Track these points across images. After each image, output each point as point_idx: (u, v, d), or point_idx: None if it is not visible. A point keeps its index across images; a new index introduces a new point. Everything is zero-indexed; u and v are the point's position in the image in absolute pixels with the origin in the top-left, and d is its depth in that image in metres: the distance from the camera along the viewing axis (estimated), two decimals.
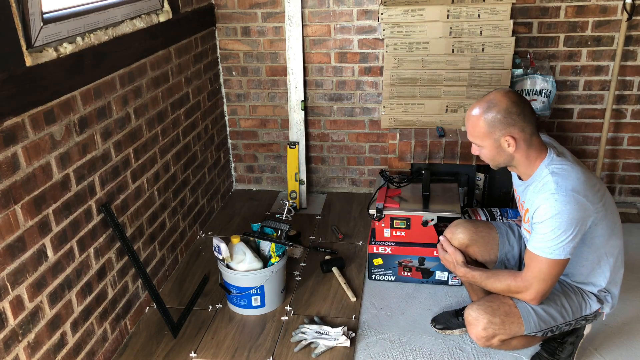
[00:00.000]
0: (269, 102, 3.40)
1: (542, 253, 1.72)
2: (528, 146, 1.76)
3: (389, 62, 2.96)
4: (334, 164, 3.52)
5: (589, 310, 1.92)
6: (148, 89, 2.44)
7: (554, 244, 1.70)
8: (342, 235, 3.06)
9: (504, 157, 1.80)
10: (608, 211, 1.81)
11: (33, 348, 1.77)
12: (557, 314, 1.86)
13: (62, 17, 1.85)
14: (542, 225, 1.71)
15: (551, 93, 3.02)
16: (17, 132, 1.65)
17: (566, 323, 1.90)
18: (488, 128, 1.74)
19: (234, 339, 2.30)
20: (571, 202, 1.68)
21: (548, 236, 1.70)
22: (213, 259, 2.79)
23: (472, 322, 1.85)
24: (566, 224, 1.68)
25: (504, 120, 1.72)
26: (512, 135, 1.73)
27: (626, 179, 3.29)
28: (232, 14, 3.21)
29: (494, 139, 1.75)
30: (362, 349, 2.23)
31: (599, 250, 1.85)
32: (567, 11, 2.95)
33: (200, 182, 3.10)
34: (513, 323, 1.83)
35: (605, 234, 1.81)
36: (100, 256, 2.12)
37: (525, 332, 1.84)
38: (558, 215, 1.68)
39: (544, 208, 1.70)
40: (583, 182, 1.72)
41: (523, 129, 1.73)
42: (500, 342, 1.85)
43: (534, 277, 1.75)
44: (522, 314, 1.83)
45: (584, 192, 1.70)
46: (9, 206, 1.63)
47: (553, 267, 1.73)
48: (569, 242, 1.69)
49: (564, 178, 1.71)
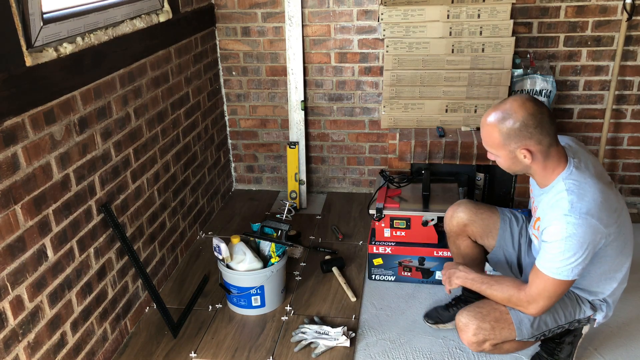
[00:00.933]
0: (269, 102, 3.40)
1: (549, 272, 1.67)
2: (545, 158, 1.69)
3: (389, 62, 2.96)
4: (334, 164, 3.52)
5: (582, 315, 1.90)
6: (148, 89, 2.44)
7: (563, 265, 1.64)
8: (342, 235, 3.06)
9: (520, 167, 1.74)
10: (621, 232, 1.75)
11: (33, 348, 1.77)
12: (550, 319, 1.86)
13: (62, 17, 1.85)
14: (552, 245, 1.65)
15: (551, 93, 3.01)
16: (17, 132, 1.65)
17: (559, 327, 1.89)
18: (503, 140, 1.67)
19: (234, 339, 2.30)
20: (583, 226, 1.61)
21: (557, 257, 1.64)
22: (213, 259, 2.79)
23: (463, 328, 1.85)
24: (576, 247, 1.62)
25: (520, 133, 1.64)
26: (527, 149, 1.66)
27: (626, 179, 3.29)
28: (232, 14, 3.21)
29: (509, 150, 1.69)
30: (362, 349, 2.23)
31: (604, 267, 1.80)
32: (567, 11, 2.95)
33: (200, 182, 3.10)
34: (504, 329, 1.82)
35: (614, 253, 1.77)
36: (100, 256, 2.12)
37: (517, 338, 1.84)
38: (569, 238, 1.62)
39: (555, 228, 1.64)
40: (599, 203, 1.64)
41: (540, 141, 1.65)
42: (492, 347, 1.85)
43: (539, 294, 1.71)
44: (514, 320, 1.82)
45: (599, 214, 1.63)
46: (9, 206, 1.63)
47: (559, 287, 1.69)
48: (578, 264, 1.64)
49: (580, 198, 1.64)
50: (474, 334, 1.82)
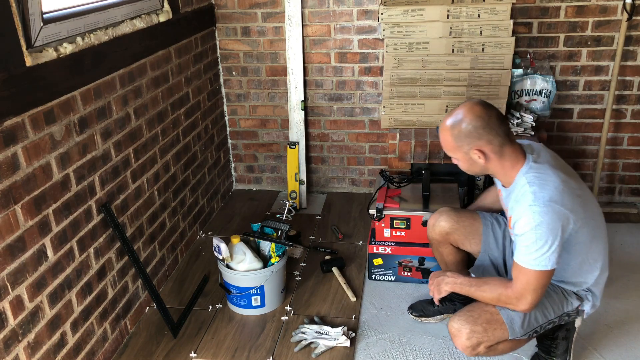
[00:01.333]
0: (269, 102, 3.40)
1: (528, 265, 1.71)
2: (500, 157, 1.77)
3: (389, 62, 2.96)
4: (334, 164, 3.52)
5: (570, 308, 1.92)
6: (148, 89, 2.44)
7: (538, 256, 1.68)
8: (342, 235, 3.06)
9: (478, 168, 1.82)
10: (589, 216, 1.80)
11: (33, 348, 1.77)
12: (540, 315, 1.87)
13: (62, 17, 1.85)
14: (524, 237, 1.70)
15: (551, 93, 3.02)
16: (17, 132, 1.65)
17: (549, 322, 1.91)
18: (456, 142, 1.77)
19: (234, 339, 2.30)
20: (549, 213, 1.67)
21: (531, 248, 1.69)
22: (213, 259, 2.79)
23: (456, 334, 1.85)
24: (546, 234, 1.67)
25: (470, 134, 1.74)
26: (479, 149, 1.75)
27: (626, 179, 3.29)
28: (232, 14, 3.21)
29: (464, 152, 1.78)
30: (362, 349, 2.23)
31: (581, 256, 1.83)
32: (567, 11, 2.95)
33: (200, 182, 3.10)
34: (496, 329, 1.83)
35: (587, 240, 1.80)
36: (100, 256, 2.12)
37: (510, 337, 1.85)
38: (538, 227, 1.67)
39: (524, 220, 1.70)
40: (561, 190, 1.71)
41: (490, 141, 1.74)
42: (486, 349, 1.85)
43: (524, 289, 1.74)
44: (505, 320, 1.83)
45: (562, 200, 1.70)
46: (9, 206, 1.63)
47: (541, 278, 1.71)
48: (553, 252, 1.68)
49: (542, 188, 1.71)
50: (467, 337, 1.82)
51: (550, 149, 1.95)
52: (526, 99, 3.04)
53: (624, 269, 2.66)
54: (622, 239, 2.91)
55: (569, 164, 3.27)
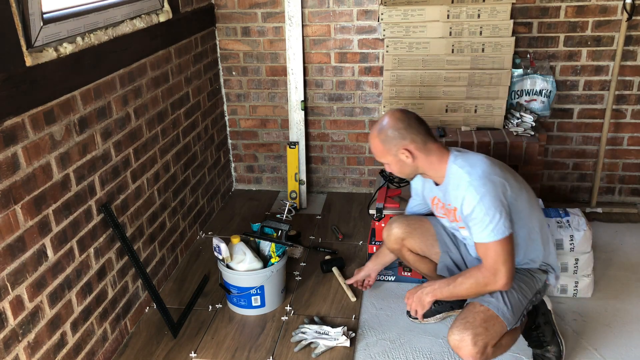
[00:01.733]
0: (269, 102, 3.40)
1: (489, 239, 1.78)
2: (426, 154, 1.89)
3: (389, 62, 2.96)
4: (334, 164, 3.52)
5: (539, 284, 1.99)
6: (148, 89, 2.44)
7: (494, 226, 1.77)
8: (342, 235, 3.06)
9: (409, 169, 1.94)
10: (522, 187, 1.92)
11: (33, 348, 1.77)
12: (521, 297, 1.91)
13: (62, 17, 1.85)
14: (474, 214, 1.79)
15: (551, 93, 3.02)
16: (17, 132, 1.65)
17: (529, 301, 1.95)
18: (384, 146, 1.90)
19: (234, 339, 2.30)
20: (487, 184, 1.79)
21: (484, 222, 1.77)
22: (213, 259, 2.79)
23: (459, 345, 1.82)
24: (492, 203, 1.77)
25: (394, 136, 1.87)
26: (405, 148, 1.87)
27: (626, 179, 3.29)
28: (232, 14, 3.21)
29: (393, 154, 1.90)
30: (362, 349, 2.23)
31: (527, 225, 1.92)
32: (567, 11, 2.95)
33: (200, 182, 3.10)
34: (495, 325, 1.84)
35: (526, 207, 1.90)
36: (100, 256, 2.12)
37: (508, 328, 1.87)
38: (482, 199, 1.77)
39: (468, 199, 1.80)
40: (489, 164, 1.86)
41: (413, 139, 1.87)
42: (493, 349, 1.85)
43: (495, 262, 1.79)
44: (497, 312, 1.84)
45: (494, 171, 1.84)
46: (9, 206, 1.63)
47: (505, 246, 1.78)
48: (504, 218, 1.78)
49: (473, 166, 1.84)
50: (474, 343, 1.79)
51: (551, 149, 1.99)
52: (526, 99, 3.04)
53: (624, 269, 2.66)
54: (622, 239, 2.91)
55: (568, 163, 3.28)
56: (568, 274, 2.42)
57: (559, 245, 2.38)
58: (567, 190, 3.35)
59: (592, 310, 2.39)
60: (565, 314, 2.37)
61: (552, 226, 2.41)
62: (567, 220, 2.44)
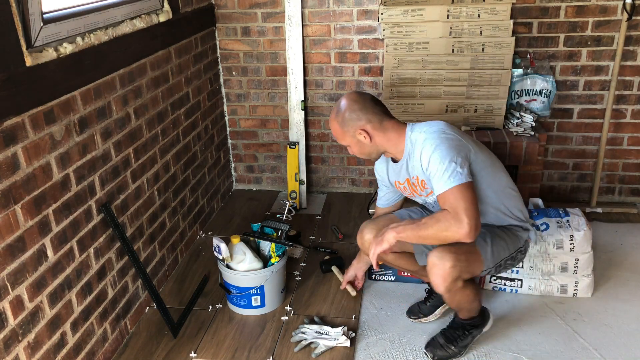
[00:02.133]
0: (269, 102, 3.40)
1: (447, 186, 1.79)
2: (383, 132, 1.94)
3: (389, 62, 2.96)
4: (334, 164, 3.52)
5: (521, 242, 2.05)
6: (148, 89, 2.44)
7: (450, 173, 1.78)
8: (342, 235, 3.06)
9: (369, 148, 1.98)
10: (482, 150, 1.97)
11: (33, 348, 1.77)
12: (504, 249, 1.98)
13: (62, 17, 1.85)
14: (431, 165, 1.83)
15: (551, 93, 3.02)
16: (17, 132, 1.65)
17: (509, 256, 2.00)
18: (342, 128, 1.95)
19: (234, 339, 2.30)
20: (442, 137, 1.85)
21: (440, 169, 1.80)
22: (213, 259, 2.79)
23: (437, 262, 1.86)
24: (447, 151, 1.81)
25: (350, 117, 1.92)
26: (362, 129, 1.92)
27: (626, 179, 3.29)
28: (232, 14, 3.21)
29: (351, 136, 1.95)
30: (362, 349, 2.23)
31: (494, 184, 1.97)
32: (567, 11, 2.95)
33: (200, 182, 3.10)
34: (475, 260, 1.92)
35: (488, 165, 1.95)
36: (100, 256, 2.12)
37: (483, 269, 1.93)
38: (437, 149, 1.82)
39: (425, 152, 1.85)
40: (447, 125, 1.92)
41: (369, 120, 1.92)
42: (462, 285, 1.91)
43: (456, 208, 1.77)
44: (480, 250, 1.92)
45: (452, 131, 1.90)
46: (9, 206, 1.63)
47: (464, 192, 1.78)
48: (462, 165, 1.80)
49: (430, 126, 1.91)
50: (452, 266, 1.84)
51: (551, 149, 2.01)
52: (526, 99, 3.04)
53: (624, 269, 2.66)
54: (622, 239, 2.91)
55: (568, 163, 3.28)
56: (568, 274, 2.42)
57: (559, 246, 2.38)
58: (567, 190, 3.35)
59: (592, 310, 2.39)
60: (565, 314, 2.37)
61: (552, 226, 2.42)
62: (567, 220, 2.44)
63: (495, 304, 2.44)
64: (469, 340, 2.13)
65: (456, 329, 2.14)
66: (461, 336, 2.12)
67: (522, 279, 2.47)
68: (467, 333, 2.13)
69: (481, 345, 2.20)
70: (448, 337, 2.14)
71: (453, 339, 2.13)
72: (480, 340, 2.21)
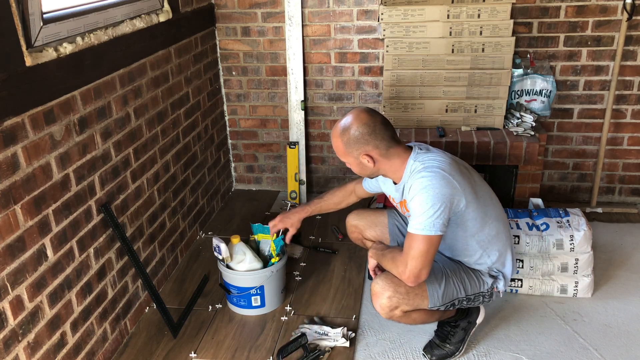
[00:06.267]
0: (269, 102, 3.40)
1: (415, 231, 1.78)
2: (388, 158, 1.88)
3: (389, 62, 2.96)
4: (334, 164, 3.52)
5: (485, 287, 2.00)
6: (148, 89, 2.44)
7: (424, 219, 1.76)
8: (342, 235, 3.06)
9: (369, 171, 1.94)
10: (480, 198, 1.90)
11: (33, 348, 1.77)
12: (460, 285, 1.95)
13: (62, 17, 1.85)
14: (413, 201, 1.79)
15: (551, 93, 3.02)
16: (17, 132, 1.65)
17: (466, 297, 1.98)
18: (346, 148, 1.88)
19: (234, 339, 2.30)
20: (438, 178, 1.78)
21: (419, 212, 1.77)
22: (213, 259, 2.79)
23: (378, 293, 1.92)
24: (434, 198, 1.75)
25: (357, 140, 1.85)
26: (367, 154, 1.86)
27: (626, 179, 3.29)
28: (232, 14, 3.21)
29: (354, 157, 1.89)
30: (362, 349, 2.23)
31: (479, 235, 1.93)
32: (567, 11, 2.95)
33: (200, 182, 3.10)
34: (417, 295, 1.90)
35: (478, 217, 1.89)
36: (100, 256, 2.12)
37: (429, 306, 1.92)
38: (425, 190, 1.76)
39: (414, 188, 1.80)
40: (449, 164, 1.84)
41: (377, 146, 1.85)
42: (402, 314, 1.93)
43: (409, 254, 1.79)
44: (427, 287, 1.90)
45: (450, 171, 1.81)
46: (9, 206, 1.63)
47: (426, 244, 1.77)
48: (438, 217, 1.75)
49: (431, 159, 1.85)
50: (388, 297, 1.89)
51: (551, 149, 1.98)
52: (526, 99, 3.04)
53: (624, 269, 2.66)
54: (622, 239, 2.91)
55: (568, 163, 3.28)
56: (568, 274, 2.42)
57: (559, 246, 2.38)
58: (567, 190, 3.36)
59: (592, 310, 2.39)
60: (565, 314, 2.37)
61: (552, 226, 2.42)
62: (567, 220, 2.44)
63: (495, 303, 2.44)
64: (462, 335, 2.13)
65: (444, 326, 2.16)
66: (451, 332, 2.13)
67: (522, 279, 2.47)
68: (456, 328, 2.12)
69: (481, 345, 2.20)
70: (441, 335, 2.15)
71: (445, 337, 2.13)
72: (480, 340, 2.21)
